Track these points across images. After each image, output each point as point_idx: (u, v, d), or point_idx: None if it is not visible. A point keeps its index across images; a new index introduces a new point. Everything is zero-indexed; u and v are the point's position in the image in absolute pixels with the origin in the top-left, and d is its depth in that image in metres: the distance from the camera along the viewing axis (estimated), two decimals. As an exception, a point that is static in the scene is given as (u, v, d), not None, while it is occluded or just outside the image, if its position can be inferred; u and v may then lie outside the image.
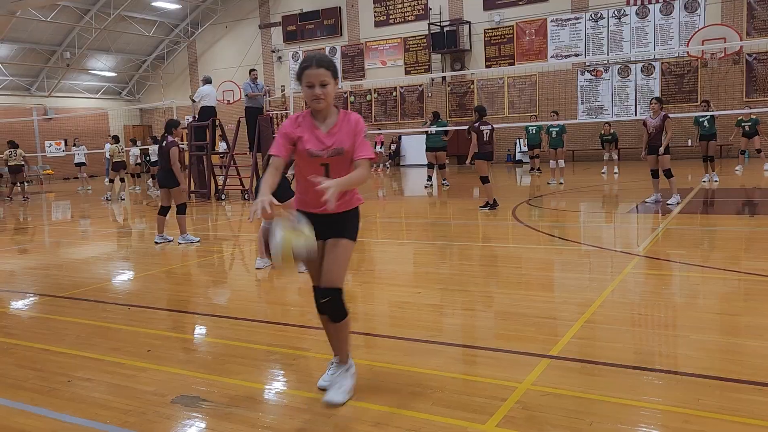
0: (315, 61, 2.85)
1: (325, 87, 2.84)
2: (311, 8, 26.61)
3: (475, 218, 9.66)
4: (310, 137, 2.90)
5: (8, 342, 4.25)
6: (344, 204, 2.98)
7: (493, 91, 23.37)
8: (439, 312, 4.61)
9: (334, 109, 2.96)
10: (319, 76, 2.83)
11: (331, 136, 2.90)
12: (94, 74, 30.10)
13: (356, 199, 3.08)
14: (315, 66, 2.83)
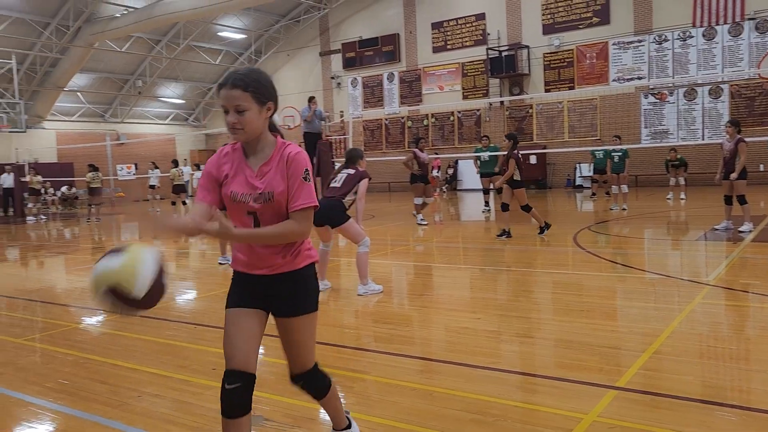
0: (231, 79, 2.18)
1: (242, 114, 2.17)
2: (370, 35, 27.13)
3: (533, 244, 9.51)
4: (237, 177, 2.28)
5: (82, 356, 4.46)
6: (288, 263, 2.33)
7: (553, 115, 23.11)
8: (498, 338, 4.55)
9: (271, 139, 2.30)
10: (233, 100, 2.17)
11: (261, 176, 2.25)
12: (164, 101, 31.49)
13: (306, 256, 2.39)
14: (229, 86, 2.17)
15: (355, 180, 6.33)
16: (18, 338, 5.12)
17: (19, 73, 24.29)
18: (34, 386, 3.83)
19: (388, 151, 26.71)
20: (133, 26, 23.59)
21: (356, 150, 6.67)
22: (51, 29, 24.06)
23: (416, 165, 12.51)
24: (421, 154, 12.60)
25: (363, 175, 6.40)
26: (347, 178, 6.32)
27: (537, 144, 23.05)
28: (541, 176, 23.19)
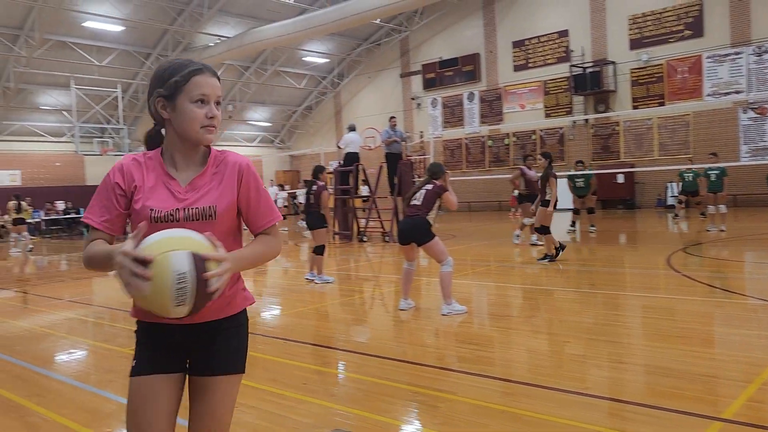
0: (207, 67, 1.85)
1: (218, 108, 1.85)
2: (450, 55, 27.26)
3: (622, 265, 9.20)
4: (156, 190, 1.82)
5: (182, 367, 4.72)
6: (225, 305, 1.87)
7: (641, 133, 22.30)
8: (586, 363, 4.44)
9: (201, 147, 1.89)
10: (216, 89, 1.84)
11: (194, 189, 1.84)
12: (252, 124, 32.86)
13: (243, 298, 1.96)
14: (210, 74, 1.83)
15: (434, 195, 6.31)
16: (124, 348, 5.48)
17: (123, 100, 26.09)
18: (140, 394, 4.09)
19: (468, 171, 26.60)
20: (225, 54, 24.85)
21: (439, 165, 6.63)
22: (152, 59, 25.74)
23: (524, 183, 12.02)
24: (529, 172, 12.03)
25: (442, 190, 6.34)
26: (427, 195, 6.33)
27: (624, 162, 22.28)
28: (629, 196, 22.36)
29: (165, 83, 1.81)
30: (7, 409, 4.03)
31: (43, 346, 5.80)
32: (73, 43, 23.19)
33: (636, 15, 22.00)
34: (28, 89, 24.53)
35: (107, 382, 4.51)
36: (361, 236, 14.86)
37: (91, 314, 7.50)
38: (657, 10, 21.55)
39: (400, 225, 6.51)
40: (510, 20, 25.37)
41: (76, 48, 23.39)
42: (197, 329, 1.87)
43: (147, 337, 1.89)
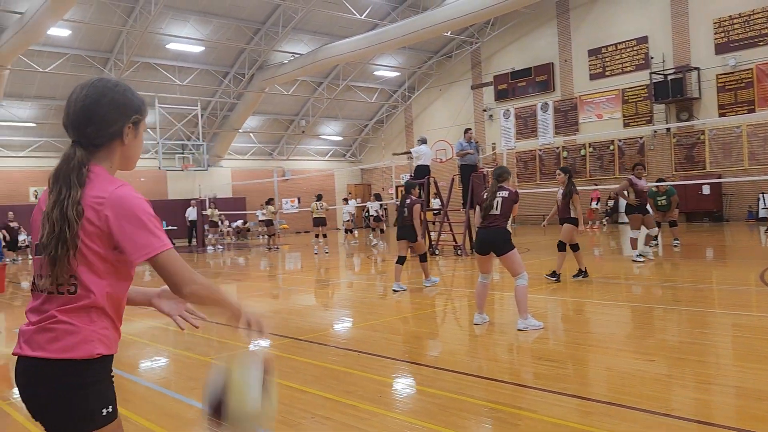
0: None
1: None
2: (523, 66, 26.88)
3: (709, 281, 8.72)
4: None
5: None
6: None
7: (729, 141, 21.16)
8: (671, 383, 4.22)
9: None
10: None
11: None
12: (324, 138, 33.51)
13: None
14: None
15: (510, 203, 6.39)
16: (206, 356, 5.67)
17: (203, 117, 27.24)
18: (220, 401, 4.21)
19: (542, 183, 26.04)
20: (299, 71, 25.52)
21: (505, 167, 6.70)
22: (229, 78, 26.77)
23: (632, 194, 11.20)
24: (639, 182, 11.15)
25: (517, 197, 6.48)
26: (503, 202, 6.32)
27: (710, 173, 21.20)
28: (716, 208, 21.22)
29: (139, 110, 1.83)
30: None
31: (130, 353, 6.08)
32: (158, 64, 24.45)
33: (722, 18, 20.99)
34: (117, 109, 26.02)
35: (189, 389, 4.67)
36: (433, 249, 14.79)
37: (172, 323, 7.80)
38: (745, 13, 20.48)
39: (480, 234, 6.44)
40: (585, 28, 24.78)
41: (160, 69, 24.65)
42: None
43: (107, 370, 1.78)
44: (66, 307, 1.68)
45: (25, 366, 1.70)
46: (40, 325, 1.69)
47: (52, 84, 23.57)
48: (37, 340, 1.68)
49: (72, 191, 1.68)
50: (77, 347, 1.67)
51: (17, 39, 18.36)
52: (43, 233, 1.70)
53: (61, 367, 1.66)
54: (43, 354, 1.66)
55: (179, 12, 22.20)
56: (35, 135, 25.36)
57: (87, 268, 1.69)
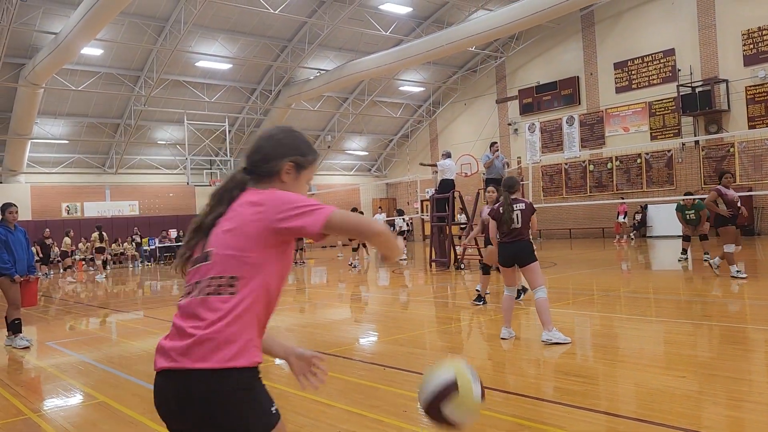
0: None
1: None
2: (548, 80, 26.80)
3: (741, 296, 8.54)
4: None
5: (284, 390, 4.86)
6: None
7: (760, 154, 20.76)
8: (703, 400, 4.14)
9: None
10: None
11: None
12: (349, 153, 33.74)
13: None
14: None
15: (529, 214, 6.44)
16: (231, 370, 5.72)
17: (230, 133, 27.67)
18: (247, 414, 4.25)
19: (568, 197, 25.83)
20: (325, 87, 25.81)
21: (514, 177, 6.74)
22: (256, 94, 27.19)
23: (723, 204, 10.51)
24: (728, 191, 10.48)
25: (533, 208, 6.53)
26: (523, 214, 6.38)
27: (741, 186, 20.80)
28: (747, 222, 20.79)
29: (304, 155, 1.99)
30: (126, 425, 4.31)
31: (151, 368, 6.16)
32: (187, 82, 24.95)
33: (751, 29, 20.73)
34: (146, 125, 26.59)
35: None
36: (459, 264, 14.74)
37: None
38: (774, 24, 20.20)
39: (506, 249, 6.44)
40: (611, 42, 24.65)
41: (189, 86, 25.14)
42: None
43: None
44: (225, 312, 1.73)
45: (180, 379, 1.71)
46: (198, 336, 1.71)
47: (85, 102, 24.21)
48: (196, 352, 1.70)
49: (222, 208, 1.87)
50: (240, 354, 1.72)
51: (52, 58, 18.93)
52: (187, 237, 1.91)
53: (226, 375, 1.70)
54: (206, 365, 1.69)
55: (208, 30, 22.67)
56: (68, 152, 26.00)
57: (250, 268, 1.77)
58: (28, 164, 24.81)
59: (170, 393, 1.74)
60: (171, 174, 28.60)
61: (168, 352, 1.75)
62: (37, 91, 21.07)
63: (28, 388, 5.70)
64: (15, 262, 7.35)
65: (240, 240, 1.77)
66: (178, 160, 28.07)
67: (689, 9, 22.19)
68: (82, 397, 5.16)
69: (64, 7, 19.37)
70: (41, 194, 25.40)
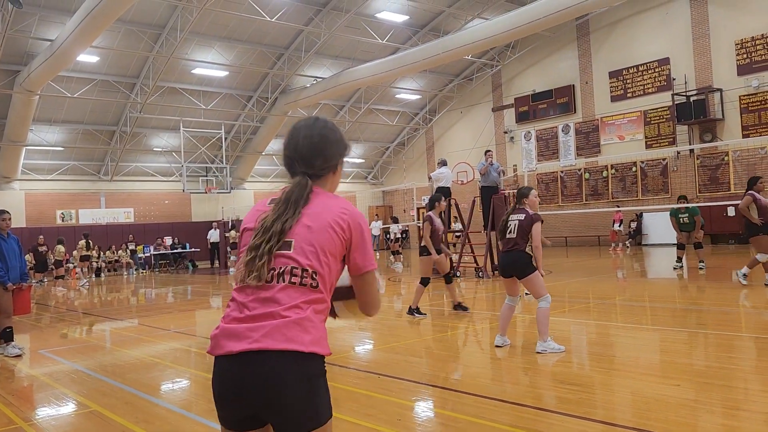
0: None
1: None
2: (543, 88, 26.91)
3: (735, 305, 8.55)
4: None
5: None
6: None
7: (754, 162, 20.87)
8: (698, 408, 4.13)
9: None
10: None
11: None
12: (345, 161, 33.53)
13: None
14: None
15: (526, 226, 6.19)
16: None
17: (226, 141, 27.65)
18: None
19: (564, 205, 25.88)
20: (322, 94, 25.84)
21: (524, 188, 6.57)
22: (253, 101, 27.20)
23: (755, 211, 10.10)
24: (761, 198, 10.03)
25: (534, 219, 6.21)
26: (519, 225, 6.21)
27: (735, 194, 20.88)
28: (742, 230, 20.79)
29: (348, 147, 2.17)
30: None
31: (151, 375, 6.13)
32: (183, 89, 24.95)
33: (744, 39, 20.87)
34: (142, 133, 26.54)
35: (210, 411, 4.67)
36: (454, 272, 14.72)
37: (195, 345, 7.87)
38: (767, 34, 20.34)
39: (501, 259, 6.43)
40: (606, 50, 24.78)
41: (185, 93, 25.14)
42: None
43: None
44: (308, 301, 1.83)
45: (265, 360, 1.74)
46: (286, 319, 1.78)
47: (80, 109, 24.17)
48: (285, 334, 1.77)
49: (296, 212, 1.92)
50: (321, 341, 1.83)
51: (47, 65, 18.91)
52: (256, 238, 1.91)
53: (311, 359, 1.79)
54: (295, 347, 1.76)
55: (204, 38, 22.70)
56: (63, 159, 25.93)
57: (326, 267, 1.88)
58: (22, 171, 24.72)
59: (244, 374, 1.75)
60: (166, 181, 28.52)
61: (246, 334, 1.77)
62: (32, 97, 21.04)
63: (19, 396, 5.65)
64: (8, 270, 7.30)
65: (322, 240, 1.88)
66: (174, 167, 28.01)
67: (683, 19, 22.35)
68: (74, 406, 5.12)
69: (60, 14, 19.36)
70: (36, 201, 25.30)
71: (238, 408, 1.80)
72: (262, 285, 1.82)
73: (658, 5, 22.98)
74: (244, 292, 1.85)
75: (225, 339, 1.79)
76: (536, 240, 6.16)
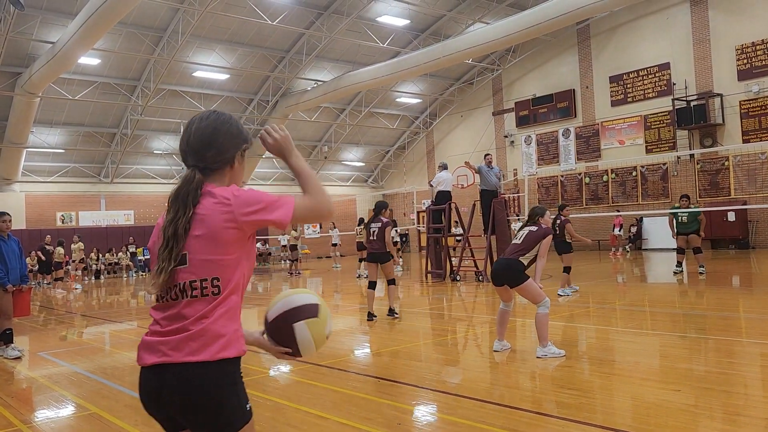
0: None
1: None
2: (544, 92, 26.94)
3: (736, 310, 8.54)
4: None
5: (280, 402, 4.83)
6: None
7: (754, 168, 20.88)
8: (698, 414, 4.13)
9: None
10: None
11: None
12: (346, 164, 33.76)
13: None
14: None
15: (537, 237, 6.24)
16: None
17: (227, 143, 27.61)
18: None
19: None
20: (322, 97, 25.87)
21: (539, 207, 6.60)
22: (254, 104, 27.22)
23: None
24: None
25: (546, 233, 6.27)
26: (529, 235, 6.26)
27: (735, 199, 20.91)
28: (742, 235, 20.86)
29: (247, 140, 2.06)
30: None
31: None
32: (184, 92, 24.97)
33: (744, 44, 20.91)
34: (142, 135, 26.56)
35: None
36: (454, 275, 14.73)
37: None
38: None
39: (495, 265, 6.44)
40: (607, 55, 24.82)
41: (186, 96, 25.16)
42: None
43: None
44: (211, 309, 1.83)
45: (173, 372, 1.79)
46: (190, 332, 1.80)
47: (81, 111, 24.19)
48: (190, 345, 1.79)
49: (187, 211, 1.88)
50: (230, 345, 1.83)
51: (48, 68, 18.93)
52: (158, 247, 1.89)
53: (219, 367, 1.81)
54: (199, 357, 1.78)
55: (205, 41, 22.73)
56: (63, 161, 25.94)
57: (228, 268, 1.86)
58: (23, 173, 24.72)
59: (158, 385, 1.82)
60: (167, 183, 28.52)
61: (157, 347, 1.82)
62: (33, 99, 21.05)
63: (19, 398, 5.64)
64: (8, 272, 7.30)
65: (216, 245, 1.84)
66: (175, 169, 28.02)
67: (684, 24, 22.39)
68: (73, 409, 5.11)
69: (62, 17, 19.39)
70: (36, 203, 25.30)
71: (159, 414, 1.88)
72: (168, 303, 1.86)
73: (659, 10, 23.02)
74: (156, 308, 1.90)
75: (142, 351, 1.87)
76: (543, 253, 6.27)
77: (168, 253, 1.85)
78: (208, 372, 1.78)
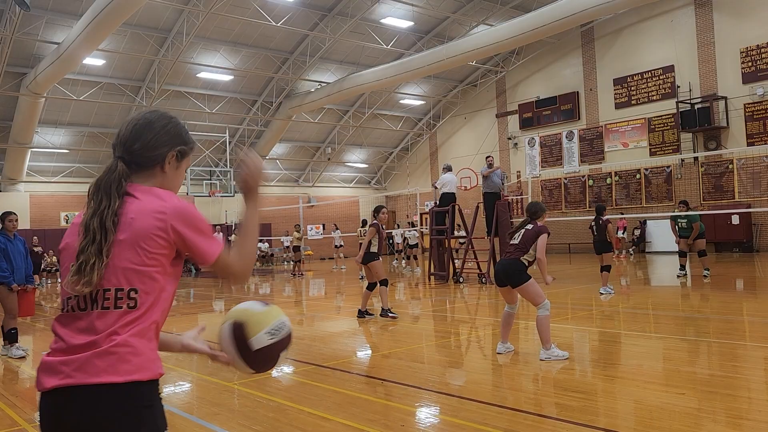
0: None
1: None
2: (547, 95, 26.92)
3: (740, 313, 8.52)
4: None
5: (282, 403, 4.83)
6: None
7: (759, 171, 20.82)
8: (702, 417, 4.12)
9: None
10: None
11: None
12: (349, 166, 33.78)
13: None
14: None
15: (533, 235, 6.21)
16: (229, 382, 5.69)
17: (230, 144, 27.71)
18: (246, 429, 4.22)
19: (567, 211, 25.85)
20: (325, 99, 25.89)
21: (537, 204, 6.56)
22: (257, 106, 27.27)
23: None
24: None
25: (541, 231, 6.24)
26: (526, 234, 6.23)
27: (740, 202, 20.86)
28: (746, 238, 20.81)
29: (186, 143, 1.90)
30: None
31: (156, 377, 6.12)
32: (188, 92, 25.03)
33: (749, 47, 20.87)
34: (147, 136, 26.58)
35: (213, 414, 4.69)
36: (457, 277, 14.72)
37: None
38: (773, 42, 20.33)
39: (496, 266, 6.44)
40: (611, 58, 24.79)
41: (190, 97, 25.22)
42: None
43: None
44: (125, 325, 1.63)
45: (77, 396, 1.58)
46: (99, 349, 1.60)
47: (86, 111, 24.26)
48: (98, 365, 1.58)
49: (112, 202, 1.70)
50: (144, 366, 1.63)
51: (54, 68, 18.99)
52: (80, 242, 1.68)
53: (131, 389, 1.60)
54: (108, 379, 1.58)
55: (210, 42, 22.78)
56: (68, 161, 26.01)
57: (149, 280, 1.67)
58: (27, 173, 24.80)
59: (57, 412, 1.59)
60: (171, 184, 28.57)
61: (59, 368, 1.60)
62: (38, 100, 21.12)
63: (23, 398, 5.66)
64: (13, 271, 7.32)
65: (137, 252, 1.66)
66: (178, 170, 28.05)
67: (688, 26, 22.35)
68: (77, 408, 5.12)
69: (67, 18, 19.46)
70: (40, 203, 25.37)
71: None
72: (76, 313, 1.65)
73: (663, 13, 23.00)
74: (61, 321, 1.68)
75: (42, 373, 1.63)
76: (541, 251, 6.18)
77: (96, 247, 1.64)
78: (120, 395, 1.57)
